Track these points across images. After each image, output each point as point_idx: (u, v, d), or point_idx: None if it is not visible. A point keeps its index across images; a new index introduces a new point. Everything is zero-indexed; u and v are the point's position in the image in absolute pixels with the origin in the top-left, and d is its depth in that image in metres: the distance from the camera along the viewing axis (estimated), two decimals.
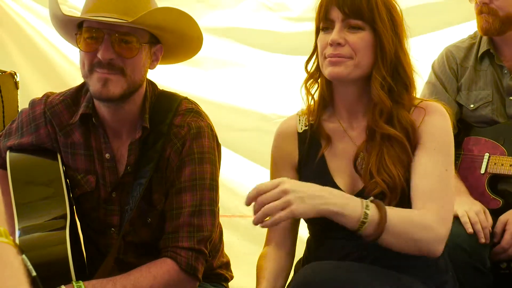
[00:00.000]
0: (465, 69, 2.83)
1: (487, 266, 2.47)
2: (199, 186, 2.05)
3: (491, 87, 2.77)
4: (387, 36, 1.92)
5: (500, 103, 2.75)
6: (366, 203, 1.77)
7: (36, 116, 2.21)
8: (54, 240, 1.99)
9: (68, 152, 2.18)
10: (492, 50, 2.77)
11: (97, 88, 2.02)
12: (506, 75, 2.76)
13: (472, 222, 2.47)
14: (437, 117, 1.95)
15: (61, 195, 2.09)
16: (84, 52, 2.04)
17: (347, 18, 1.92)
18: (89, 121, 2.15)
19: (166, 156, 2.07)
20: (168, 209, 2.07)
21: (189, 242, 2.02)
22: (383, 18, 1.92)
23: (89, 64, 2.03)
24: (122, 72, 2.01)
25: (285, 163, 2.06)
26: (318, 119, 2.04)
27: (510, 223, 2.54)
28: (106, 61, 2.00)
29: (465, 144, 2.79)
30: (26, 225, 2.01)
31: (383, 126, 1.91)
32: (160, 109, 2.12)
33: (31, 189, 2.10)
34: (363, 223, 1.75)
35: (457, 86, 2.84)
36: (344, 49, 1.92)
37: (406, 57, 1.97)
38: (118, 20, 1.98)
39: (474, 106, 2.79)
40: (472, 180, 2.73)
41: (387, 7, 1.95)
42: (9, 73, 2.91)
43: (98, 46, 2.00)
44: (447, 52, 2.89)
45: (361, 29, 1.92)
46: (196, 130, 2.08)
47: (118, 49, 2.00)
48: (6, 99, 2.87)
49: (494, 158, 2.69)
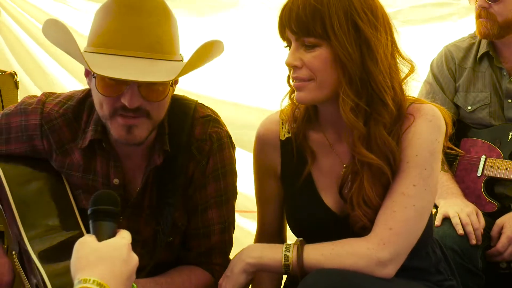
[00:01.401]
0: (463, 69, 2.82)
1: (479, 267, 2.47)
2: (225, 201, 2.04)
3: (489, 89, 2.75)
4: (347, 51, 1.74)
5: (498, 106, 2.74)
6: (286, 245, 1.83)
7: (29, 126, 2.02)
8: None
9: (63, 172, 2.03)
10: (491, 52, 2.76)
11: (122, 135, 1.83)
12: (505, 77, 2.74)
13: (463, 224, 2.46)
14: (423, 124, 1.82)
15: (70, 211, 1.99)
16: (103, 95, 1.81)
17: (300, 37, 1.77)
18: (96, 145, 1.97)
19: (190, 174, 1.98)
20: (194, 227, 2.04)
21: (223, 258, 2.05)
22: (340, 31, 1.74)
23: (111, 108, 1.81)
24: (148, 116, 1.82)
25: (268, 171, 2.01)
26: (302, 128, 1.93)
27: (506, 226, 2.54)
28: (134, 107, 1.78)
29: (462, 145, 2.78)
30: (42, 248, 1.90)
31: (362, 152, 1.79)
32: (175, 117, 1.98)
33: (37, 207, 1.97)
34: (287, 265, 1.81)
35: (454, 86, 2.83)
36: (302, 71, 1.79)
37: (380, 67, 1.77)
38: (151, 78, 1.74)
39: (472, 108, 2.78)
40: (468, 183, 2.72)
41: (350, 16, 1.75)
42: (9, 73, 2.93)
43: (123, 90, 1.77)
44: (446, 52, 2.87)
45: (316, 46, 1.76)
46: (218, 143, 1.99)
47: (146, 93, 1.79)
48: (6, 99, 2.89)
49: (491, 161, 2.69)
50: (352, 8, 1.75)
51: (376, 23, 1.77)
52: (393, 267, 1.78)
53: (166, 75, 1.76)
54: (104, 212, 1.49)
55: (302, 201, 1.87)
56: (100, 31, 1.80)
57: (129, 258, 1.43)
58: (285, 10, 1.78)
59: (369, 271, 1.76)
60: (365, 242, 1.78)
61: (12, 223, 1.98)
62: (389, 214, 1.79)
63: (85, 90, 2.04)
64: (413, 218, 1.80)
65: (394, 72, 1.81)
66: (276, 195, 2.02)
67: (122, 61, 1.76)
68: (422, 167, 1.81)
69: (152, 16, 1.80)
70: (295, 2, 1.76)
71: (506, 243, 2.52)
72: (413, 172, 1.80)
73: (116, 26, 1.78)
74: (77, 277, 1.35)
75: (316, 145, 1.93)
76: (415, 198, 1.80)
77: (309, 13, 1.74)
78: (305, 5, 1.75)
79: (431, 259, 1.94)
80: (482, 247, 2.51)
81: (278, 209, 2.04)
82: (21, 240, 1.92)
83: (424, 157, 1.81)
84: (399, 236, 1.78)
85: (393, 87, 1.80)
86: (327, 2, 1.74)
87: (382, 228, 1.78)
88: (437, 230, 2.42)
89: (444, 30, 3.56)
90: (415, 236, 1.82)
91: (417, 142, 1.81)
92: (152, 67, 1.77)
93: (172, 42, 1.84)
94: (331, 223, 1.88)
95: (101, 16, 1.82)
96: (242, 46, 3.75)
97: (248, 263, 1.84)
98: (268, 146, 1.99)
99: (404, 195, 1.80)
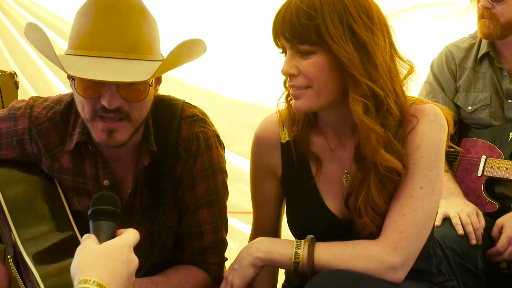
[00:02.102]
0: (464, 70, 2.82)
1: (479, 267, 2.47)
2: (215, 200, 2.03)
3: (489, 89, 2.75)
4: (347, 54, 1.70)
5: (499, 106, 2.74)
6: (297, 242, 1.80)
7: (18, 131, 2.02)
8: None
9: (54, 175, 2.03)
10: (492, 53, 2.75)
11: (103, 138, 1.83)
12: (506, 77, 2.74)
13: (464, 224, 2.47)
14: (427, 124, 1.81)
15: (63, 213, 1.99)
16: (83, 97, 1.81)
17: (294, 44, 1.73)
18: (82, 147, 1.98)
19: (178, 175, 1.98)
20: (186, 227, 2.04)
21: (218, 257, 2.05)
22: (336, 36, 1.69)
23: (91, 110, 1.81)
24: (128, 118, 1.82)
25: (267, 172, 1.99)
26: (303, 132, 1.90)
27: (506, 226, 2.54)
28: (113, 108, 1.78)
29: (462, 145, 2.78)
30: (36, 250, 1.90)
31: (385, 157, 1.74)
32: (162, 117, 1.98)
33: (31, 213, 1.97)
34: (297, 263, 1.79)
35: (455, 86, 2.83)
36: (299, 79, 1.75)
37: (380, 71, 1.73)
38: (127, 78, 1.73)
39: (472, 108, 2.78)
40: (469, 183, 2.72)
41: (345, 21, 1.71)
42: (9, 73, 2.93)
43: (102, 91, 1.77)
44: (446, 52, 2.87)
45: (311, 53, 1.72)
46: (205, 143, 1.99)
47: (125, 94, 1.79)
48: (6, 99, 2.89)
49: (491, 161, 2.69)
50: (347, 13, 1.71)
51: (372, 27, 1.74)
52: (404, 271, 1.77)
53: (144, 75, 1.75)
54: (103, 212, 1.49)
55: (306, 206, 1.86)
56: (78, 33, 1.80)
57: (129, 259, 1.43)
58: (278, 18, 1.75)
59: (380, 275, 1.75)
60: (377, 245, 1.77)
61: (6, 226, 1.98)
62: (398, 217, 1.78)
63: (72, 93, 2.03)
64: (422, 220, 1.79)
65: (394, 75, 1.78)
66: (274, 196, 2.01)
67: (100, 62, 1.75)
68: (429, 168, 1.80)
69: (131, 16, 1.80)
70: (288, 10, 1.73)
71: (506, 243, 2.52)
72: (420, 174, 1.79)
73: (94, 27, 1.77)
74: (77, 278, 1.35)
75: (318, 150, 1.91)
76: (423, 200, 1.79)
77: (303, 20, 1.70)
78: (298, 12, 1.71)
79: (433, 259, 1.94)
80: (482, 247, 2.51)
81: (275, 209, 2.03)
82: (15, 243, 1.92)
83: (430, 158, 1.80)
84: (410, 239, 1.77)
85: (395, 90, 1.77)
86: (321, 8, 1.71)
87: (393, 231, 1.77)
88: (437, 230, 2.42)
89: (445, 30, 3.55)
90: (424, 238, 1.81)
91: (422, 143, 1.80)
92: (131, 68, 1.76)
93: (150, 42, 1.83)
94: (335, 228, 1.88)
95: (79, 18, 1.82)
96: (244, 42, 3.76)
97: (257, 257, 1.82)
98: (268, 147, 1.97)
99: (413, 198, 1.78)
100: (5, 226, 1.99)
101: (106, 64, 1.75)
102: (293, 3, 1.72)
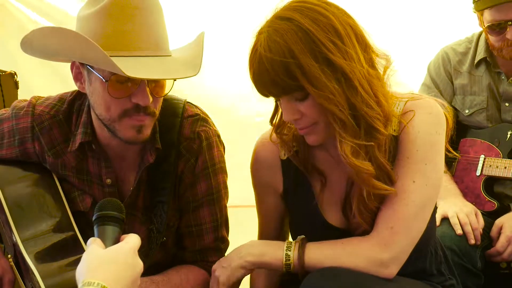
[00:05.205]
0: (459, 73, 2.82)
1: (478, 267, 2.48)
2: (216, 199, 2.05)
3: (486, 93, 2.75)
4: (329, 93, 1.64)
5: (496, 109, 2.75)
6: (288, 244, 1.82)
7: (21, 129, 2.04)
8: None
9: (58, 172, 2.04)
10: (489, 59, 2.75)
11: (132, 135, 1.84)
12: (503, 80, 2.74)
13: (462, 224, 2.48)
14: (422, 117, 1.78)
15: (64, 213, 2.00)
16: (113, 98, 1.80)
17: (283, 95, 1.70)
18: (86, 146, 1.99)
19: (179, 173, 2.00)
20: (187, 226, 2.05)
21: (218, 256, 2.04)
22: (314, 77, 1.64)
23: (121, 110, 1.81)
24: (153, 114, 1.86)
25: (268, 188, 1.98)
26: (305, 148, 1.87)
27: (505, 227, 2.55)
28: (147, 105, 1.80)
29: (461, 145, 2.78)
30: (36, 250, 1.91)
31: (377, 186, 1.74)
32: (165, 116, 1.98)
33: (31, 211, 1.98)
34: (288, 264, 1.80)
35: (452, 89, 2.83)
36: (304, 121, 1.73)
37: (361, 95, 1.67)
38: (179, 74, 1.78)
39: (469, 111, 2.78)
40: (468, 182, 2.73)
41: (318, 54, 1.64)
42: (9, 73, 2.92)
43: (133, 90, 1.78)
44: (443, 54, 2.87)
45: (305, 97, 1.69)
46: (206, 142, 2.01)
47: (154, 90, 1.82)
48: (6, 99, 2.89)
49: (490, 160, 2.69)
50: (317, 44, 1.64)
51: (344, 47, 1.66)
52: (395, 267, 1.77)
53: (184, 70, 1.80)
54: (109, 217, 1.51)
55: (307, 220, 1.87)
56: (104, 33, 1.77)
57: (134, 262, 1.44)
58: (256, 76, 1.69)
59: (371, 272, 1.75)
60: (366, 242, 1.78)
61: (6, 225, 1.99)
62: (389, 212, 1.77)
63: (73, 92, 2.06)
64: (413, 215, 1.77)
65: (375, 85, 1.71)
66: (276, 209, 2.01)
67: (137, 61, 1.75)
68: (423, 162, 1.77)
69: (153, 15, 1.82)
70: (261, 66, 1.66)
71: (505, 243, 2.53)
72: (413, 168, 1.77)
73: (121, 27, 1.77)
74: (81, 280, 1.36)
75: (323, 163, 1.89)
76: (414, 194, 1.77)
77: (281, 75, 1.64)
78: (273, 65, 1.64)
79: (434, 259, 1.94)
80: (481, 247, 2.52)
81: (279, 220, 2.04)
82: (15, 242, 1.93)
83: (424, 151, 1.78)
84: (400, 234, 1.76)
85: (379, 104, 1.71)
86: (289, 50, 1.63)
87: (383, 228, 1.77)
88: (436, 230, 2.42)
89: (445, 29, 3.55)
90: (417, 233, 1.80)
91: (418, 135, 1.77)
92: (165, 64, 1.81)
93: (167, 38, 1.87)
94: (335, 237, 1.85)
95: (100, 18, 1.78)
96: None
97: (247, 261, 1.83)
98: (268, 165, 1.96)
99: (405, 192, 1.77)
100: (6, 226, 2.00)
101: (144, 63, 1.76)
102: (263, 57, 1.65)
